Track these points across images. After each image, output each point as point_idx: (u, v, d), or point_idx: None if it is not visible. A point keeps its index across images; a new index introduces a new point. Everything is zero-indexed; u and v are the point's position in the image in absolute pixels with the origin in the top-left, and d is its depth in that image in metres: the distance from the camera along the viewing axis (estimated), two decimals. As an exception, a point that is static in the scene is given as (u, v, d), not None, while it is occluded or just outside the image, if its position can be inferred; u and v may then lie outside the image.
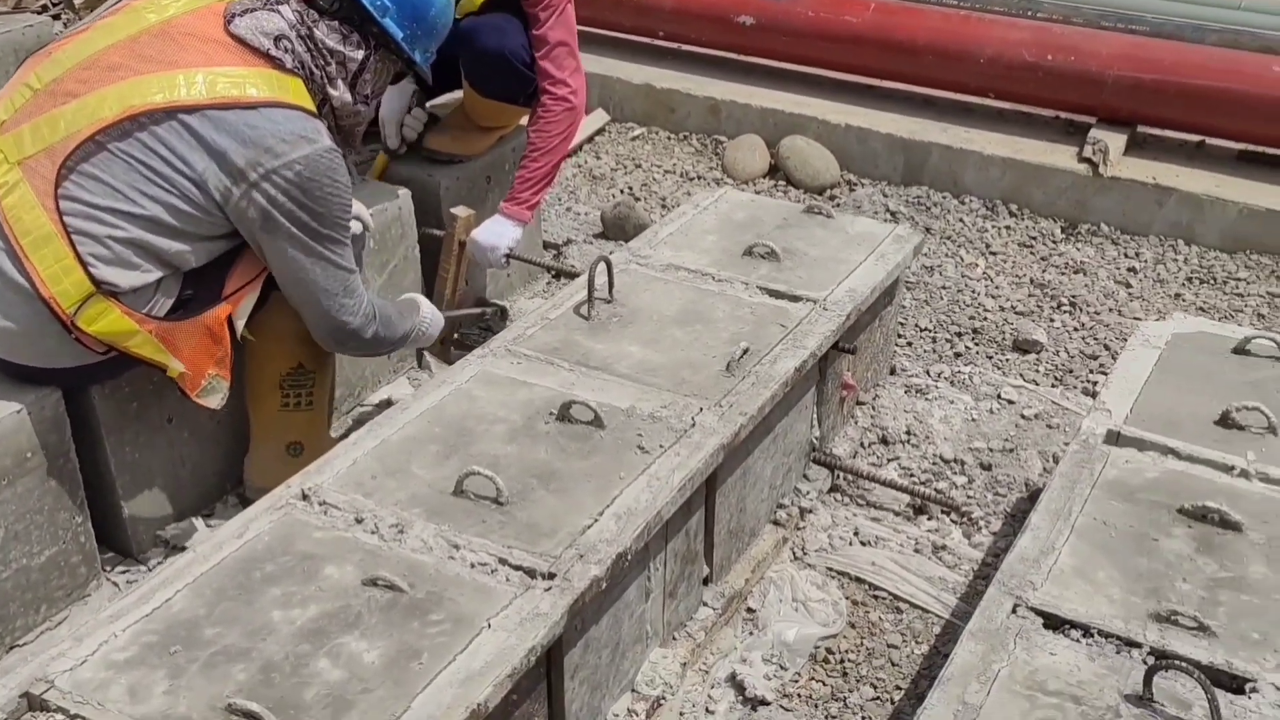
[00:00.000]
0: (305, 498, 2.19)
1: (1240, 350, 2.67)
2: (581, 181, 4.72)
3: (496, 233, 3.33)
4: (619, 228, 4.18)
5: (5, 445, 2.36)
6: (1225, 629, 1.94)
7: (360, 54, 2.55)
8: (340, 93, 2.54)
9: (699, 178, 4.75)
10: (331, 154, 2.43)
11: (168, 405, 2.68)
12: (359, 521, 2.13)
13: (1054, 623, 1.97)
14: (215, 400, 2.52)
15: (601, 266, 2.82)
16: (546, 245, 4.10)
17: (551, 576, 2.00)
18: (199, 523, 2.77)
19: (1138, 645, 1.91)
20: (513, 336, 2.71)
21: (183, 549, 2.63)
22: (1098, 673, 1.87)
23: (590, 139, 5.02)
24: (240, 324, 2.50)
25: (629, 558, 2.11)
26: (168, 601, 1.95)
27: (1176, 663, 1.80)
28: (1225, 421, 2.42)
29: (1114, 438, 2.40)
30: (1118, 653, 1.91)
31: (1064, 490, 2.26)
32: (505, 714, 1.93)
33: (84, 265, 2.30)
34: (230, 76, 2.36)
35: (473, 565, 2.03)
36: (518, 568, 2.03)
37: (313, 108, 2.46)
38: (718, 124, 4.99)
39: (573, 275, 3.38)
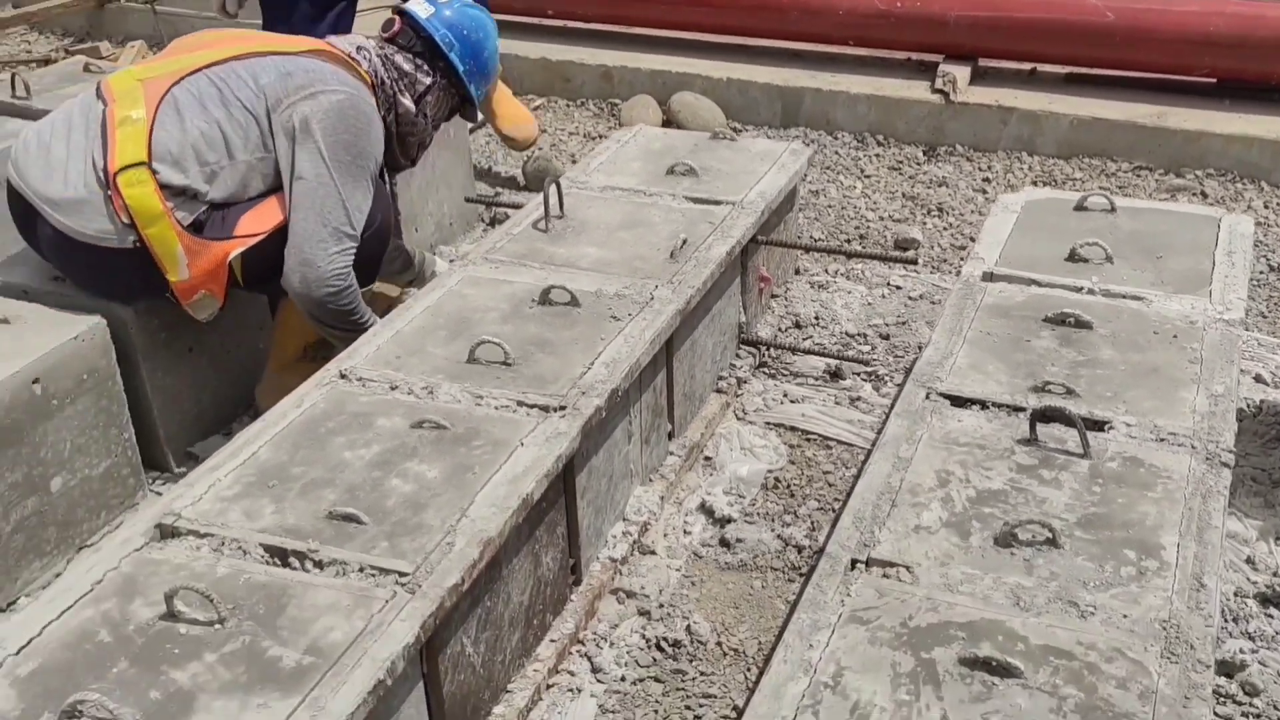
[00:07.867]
0: (344, 376, 2.63)
1: (1080, 207, 3.28)
2: (496, 148, 5.18)
3: None
4: (539, 180, 4.65)
5: (66, 368, 2.74)
6: (1087, 392, 2.52)
7: (428, 80, 3.20)
8: (407, 102, 3.16)
9: (600, 136, 5.25)
10: (371, 107, 3.05)
11: (187, 336, 3.08)
12: (394, 388, 2.58)
13: (958, 402, 2.53)
14: (204, 314, 2.95)
15: (553, 189, 3.30)
16: (479, 199, 4.55)
17: (563, 409, 2.49)
18: (221, 440, 3.16)
19: (1022, 409, 2.48)
20: (485, 250, 3.18)
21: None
22: (995, 429, 2.43)
23: (497, 111, 5.47)
24: (238, 269, 2.92)
25: (619, 394, 2.61)
26: (254, 455, 2.37)
27: (1054, 410, 2.36)
28: (1073, 257, 3.02)
29: (989, 276, 2.98)
30: (1009, 415, 2.48)
31: (954, 314, 2.83)
32: (538, 520, 2.40)
33: (150, 143, 2.78)
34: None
35: (497, 408, 2.50)
36: (534, 406, 2.50)
37: (370, 95, 3.08)
38: (611, 89, 5.50)
39: (514, 206, 3.82)
